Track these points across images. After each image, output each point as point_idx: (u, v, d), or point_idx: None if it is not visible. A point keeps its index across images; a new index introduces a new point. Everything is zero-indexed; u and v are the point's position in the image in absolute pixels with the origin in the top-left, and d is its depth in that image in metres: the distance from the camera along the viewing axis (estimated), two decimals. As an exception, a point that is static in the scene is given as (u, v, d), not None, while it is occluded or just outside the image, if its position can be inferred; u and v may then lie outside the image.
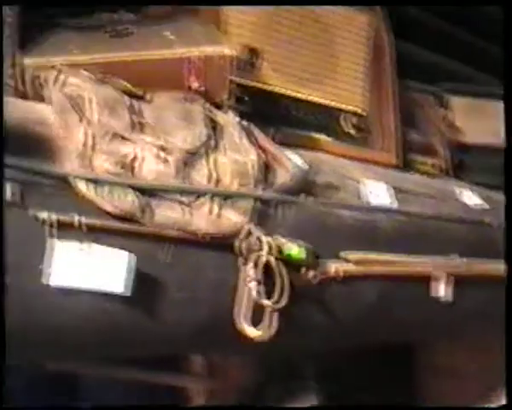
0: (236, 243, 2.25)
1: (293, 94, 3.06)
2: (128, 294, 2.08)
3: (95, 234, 2.07)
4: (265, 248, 2.25)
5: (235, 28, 2.96)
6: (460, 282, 2.74)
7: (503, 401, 2.58)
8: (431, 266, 2.71)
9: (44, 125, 2.18)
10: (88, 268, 2.05)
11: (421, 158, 3.43)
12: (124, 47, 2.53)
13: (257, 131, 2.57)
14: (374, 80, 3.35)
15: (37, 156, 2.07)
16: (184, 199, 2.21)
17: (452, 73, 4.08)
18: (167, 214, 2.17)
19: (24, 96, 2.36)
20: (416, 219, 2.73)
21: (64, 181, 2.07)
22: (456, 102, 3.67)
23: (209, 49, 2.55)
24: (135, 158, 2.20)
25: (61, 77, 2.33)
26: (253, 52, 2.97)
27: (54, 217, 2.03)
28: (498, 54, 4.46)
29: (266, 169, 2.42)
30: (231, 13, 2.96)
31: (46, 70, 2.36)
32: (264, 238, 2.25)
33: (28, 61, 2.39)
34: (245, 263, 2.25)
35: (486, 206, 3.02)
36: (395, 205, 2.70)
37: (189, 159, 2.29)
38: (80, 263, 2.04)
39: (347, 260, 2.49)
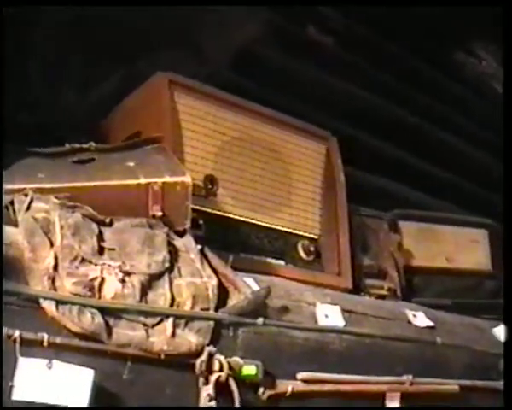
0: (197, 364, 2.35)
1: (249, 220, 3.20)
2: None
3: (59, 352, 2.16)
4: (225, 369, 2.37)
5: (193, 157, 3.11)
6: (410, 401, 2.82)
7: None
8: (383, 385, 2.80)
9: (15, 249, 2.26)
10: (51, 384, 2.12)
11: (374, 281, 3.55)
12: (88, 175, 2.63)
13: (211, 255, 2.66)
14: (326, 207, 3.49)
15: (7, 278, 2.17)
16: (145, 320, 2.31)
17: (404, 200, 4.24)
18: (128, 334, 2.27)
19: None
20: (366, 339, 2.82)
21: (32, 301, 2.18)
22: (407, 226, 3.80)
23: (168, 178, 2.65)
24: (100, 281, 2.30)
25: (32, 202, 2.41)
26: (211, 180, 3.12)
27: (18, 334, 2.12)
28: (450, 180, 4.67)
29: (222, 292, 2.52)
30: (189, 142, 3.12)
31: (17, 196, 2.44)
32: (225, 360, 2.38)
33: (0, 187, 2.46)
34: (205, 383, 2.36)
35: (434, 326, 3.10)
36: (346, 326, 2.78)
37: (151, 282, 2.39)
38: (44, 379, 2.11)
39: (297, 379, 2.59)
